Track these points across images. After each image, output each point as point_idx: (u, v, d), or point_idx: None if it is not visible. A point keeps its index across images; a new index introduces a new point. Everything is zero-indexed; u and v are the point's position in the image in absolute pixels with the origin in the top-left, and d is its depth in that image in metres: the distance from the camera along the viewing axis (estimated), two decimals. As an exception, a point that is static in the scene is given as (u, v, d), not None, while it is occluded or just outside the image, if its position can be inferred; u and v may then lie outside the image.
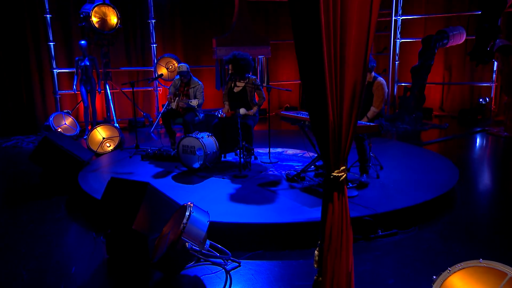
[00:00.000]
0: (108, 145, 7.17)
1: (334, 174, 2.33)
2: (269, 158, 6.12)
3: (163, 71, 9.34)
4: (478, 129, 8.84)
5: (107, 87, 9.00)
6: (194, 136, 5.57)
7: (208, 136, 5.68)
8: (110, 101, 8.98)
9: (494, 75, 9.57)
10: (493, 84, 9.60)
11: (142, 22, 9.83)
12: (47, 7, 8.82)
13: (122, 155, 6.65)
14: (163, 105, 9.80)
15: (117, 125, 8.08)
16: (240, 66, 5.84)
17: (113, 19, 8.70)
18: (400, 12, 9.94)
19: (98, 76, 8.82)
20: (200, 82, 6.68)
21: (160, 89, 10.02)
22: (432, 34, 9.21)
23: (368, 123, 4.66)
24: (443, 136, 8.38)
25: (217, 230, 3.73)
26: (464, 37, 9.37)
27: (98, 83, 8.84)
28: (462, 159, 6.84)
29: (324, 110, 2.22)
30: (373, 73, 5.06)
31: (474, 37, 8.53)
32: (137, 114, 10.09)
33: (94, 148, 7.00)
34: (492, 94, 9.65)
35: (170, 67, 9.34)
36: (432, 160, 6.04)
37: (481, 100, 9.66)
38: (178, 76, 6.80)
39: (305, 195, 4.68)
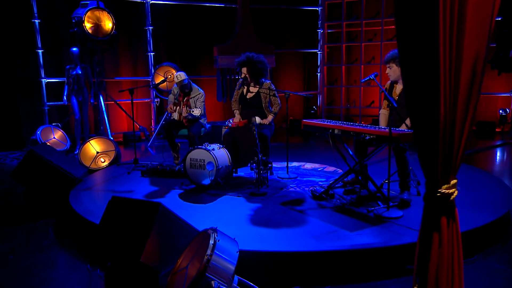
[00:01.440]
0: (103, 160, 6.41)
1: (443, 190, 1.66)
2: (287, 173, 5.42)
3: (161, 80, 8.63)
4: (502, 142, 8.25)
5: (101, 98, 8.27)
6: (204, 148, 4.86)
7: (219, 148, 4.98)
8: (104, 113, 8.24)
9: (513, 85, 9.04)
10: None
11: (138, 29, 9.16)
12: (35, 11, 8.12)
13: (119, 171, 5.89)
14: (160, 118, 9.09)
15: (111, 138, 7.33)
16: (256, 70, 5.20)
17: (108, 24, 8.02)
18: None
19: (91, 86, 8.08)
20: (201, 90, 5.99)
21: (157, 100, 9.31)
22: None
23: (412, 131, 3.99)
24: (468, 149, 7.75)
25: (240, 260, 2.99)
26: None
27: (91, 94, 8.10)
28: (500, 173, 6.20)
29: (433, 100, 1.54)
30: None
31: (494, 45, 8.02)
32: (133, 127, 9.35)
33: (87, 163, 6.23)
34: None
35: (169, 76, 8.65)
36: (473, 175, 5.39)
37: (501, 111, 9.10)
38: (176, 85, 6.12)
39: (339, 216, 3.97)
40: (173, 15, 9.43)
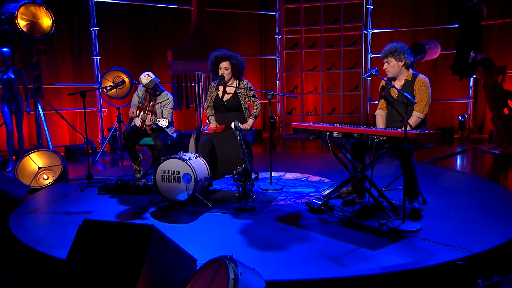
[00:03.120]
0: (46, 177, 5.41)
1: None
2: (271, 184, 4.80)
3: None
4: (465, 148, 8.18)
5: (39, 106, 7.19)
6: (178, 157, 4.11)
7: (196, 158, 4.26)
8: (44, 123, 7.16)
9: (471, 91, 9.09)
10: (470, 101, 9.12)
11: (81, 30, 8.17)
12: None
13: (69, 188, 4.96)
14: (109, 129, 8.13)
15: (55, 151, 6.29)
16: (239, 63, 4.61)
17: (46, 22, 7.01)
18: (370, 26, 9.26)
19: (26, 92, 6.98)
20: (170, 96, 5.27)
21: (105, 109, 8.32)
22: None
23: (426, 131, 3.53)
24: (434, 157, 7.56)
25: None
26: (439, 51, 8.80)
27: (26, 102, 7.00)
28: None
29: None
30: (411, 70, 4.01)
31: (454, 51, 7.99)
32: (76, 140, 8.30)
33: (26, 181, 5.20)
34: (470, 111, 9.14)
35: (119, 82, 7.74)
36: (467, 181, 5.08)
37: (460, 117, 9.11)
38: (141, 87, 5.34)
39: (349, 231, 3.41)
40: (121, 15, 8.54)
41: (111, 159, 7.50)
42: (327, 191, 4.51)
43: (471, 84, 9.09)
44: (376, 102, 9.55)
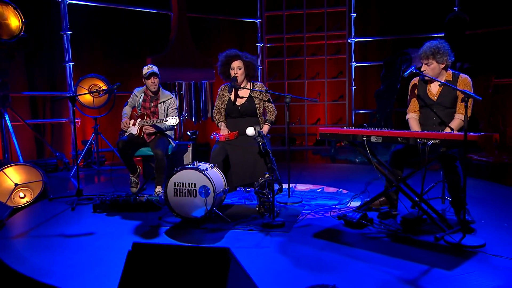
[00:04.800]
0: (22, 195, 4.70)
1: None
2: (289, 196, 4.36)
3: (86, 97, 7.05)
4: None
5: (6, 117, 6.40)
6: (194, 168, 3.61)
7: (212, 168, 3.77)
8: (13, 135, 6.37)
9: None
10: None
11: (52, 34, 7.46)
12: None
13: (56, 207, 4.30)
14: (83, 142, 7.41)
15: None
16: (252, 60, 4.20)
17: (14, 23, 6.28)
18: (354, 34, 9.12)
19: (-9, 101, 6.22)
20: (172, 95, 4.79)
21: (78, 121, 7.60)
22: (393, 56, 8.48)
23: (476, 133, 3.23)
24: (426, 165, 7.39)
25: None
26: (423, 60, 8.78)
27: (-9, 111, 6.23)
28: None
29: None
30: (449, 70, 3.74)
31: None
32: (45, 154, 7.50)
33: (1, 200, 4.49)
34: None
35: (95, 90, 7.08)
36: (487, 188, 4.87)
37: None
38: (139, 89, 4.83)
39: (406, 248, 3.03)
40: (96, 19, 7.88)
41: (85, 174, 6.78)
42: (355, 203, 4.15)
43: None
44: (362, 112, 9.45)
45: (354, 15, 9.08)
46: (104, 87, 7.08)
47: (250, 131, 3.92)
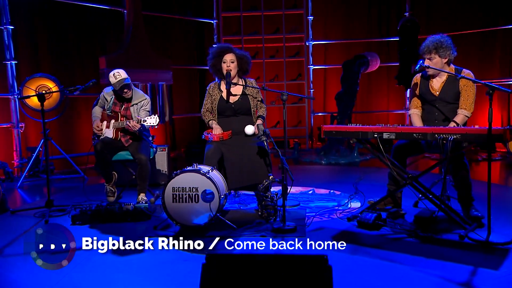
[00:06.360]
0: (-28, 210, 4.03)
1: None
2: (285, 199, 4.10)
3: (33, 99, 6.31)
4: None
5: None
6: (194, 170, 3.25)
7: (212, 170, 3.42)
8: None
9: (407, 102, 9.39)
10: (408, 112, 9.38)
11: (-11, 29, 6.63)
12: None
13: (23, 220, 3.71)
14: (29, 149, 6.64)
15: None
16: (244, 56, 3.92)
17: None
18: (311, 37, 9.11)
19: None
20: (146, 96, 4.37)
21: (22, 125, 6.78)
22: (351, 59, 8.58)
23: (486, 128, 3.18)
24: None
25: None
26: (378, 63, 8.98)
27: None
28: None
29: None
30: (452, 65, 3.71)
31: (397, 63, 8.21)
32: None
33: None
34: (408, 122, 9.42)
35: (44, 91, 6.36)
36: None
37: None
38: (108, 90, 4.34)
39: (436, 248, 2.93)
40: (42, 13, 7.13)
41: (32, 185, 6.05)
42: (355, 204, 4.00)
43: (407, 95, 9.38)
44: (321, 114, 9.44)
45: (311, 18, 9.07)
46: (54, 88, 6.40)
47: (250, 129, 3.66)
